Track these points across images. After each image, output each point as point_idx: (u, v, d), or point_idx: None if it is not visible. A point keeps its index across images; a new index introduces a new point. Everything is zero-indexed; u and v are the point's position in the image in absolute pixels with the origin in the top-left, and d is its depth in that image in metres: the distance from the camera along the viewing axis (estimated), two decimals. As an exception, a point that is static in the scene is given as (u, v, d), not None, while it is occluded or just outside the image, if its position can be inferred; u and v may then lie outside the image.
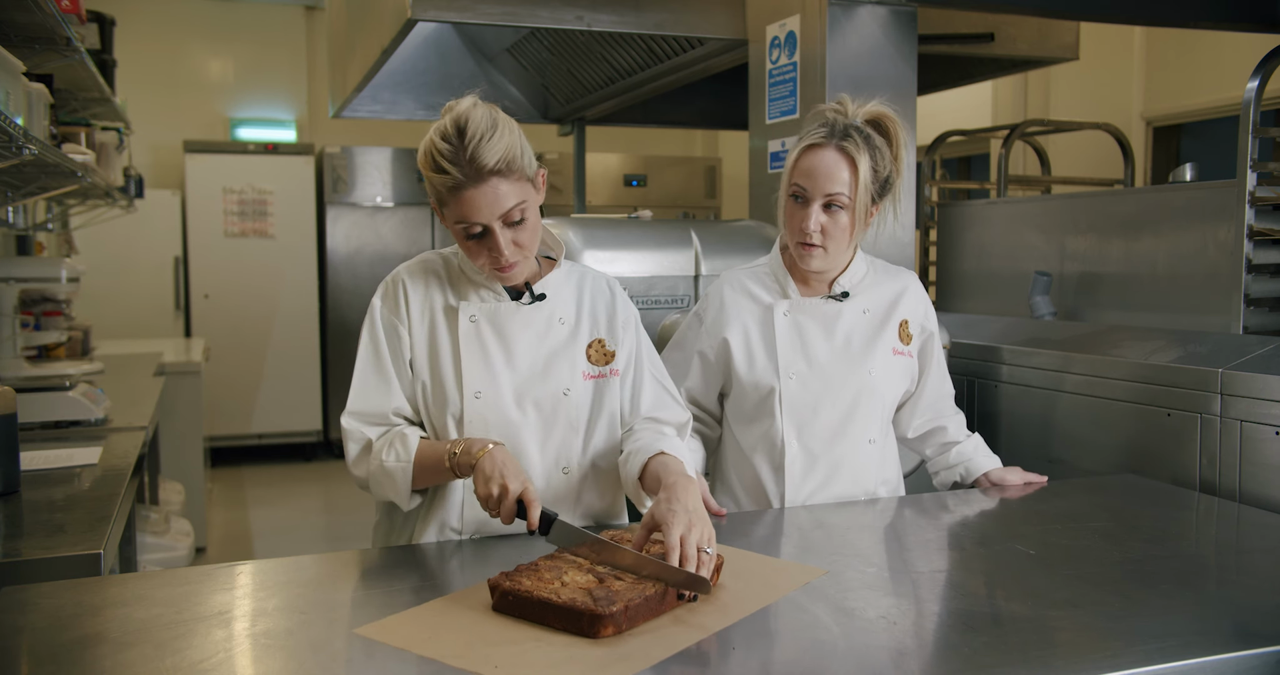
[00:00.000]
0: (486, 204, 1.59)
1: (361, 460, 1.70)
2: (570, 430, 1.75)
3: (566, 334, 1.77)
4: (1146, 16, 3.64)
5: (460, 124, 1.58)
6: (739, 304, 2.04)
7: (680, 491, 1.52)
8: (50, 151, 2.35)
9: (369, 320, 1.75)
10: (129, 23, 5.39)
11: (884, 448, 2.06)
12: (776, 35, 3.01)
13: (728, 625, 1.33)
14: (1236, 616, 1.41)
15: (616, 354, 1.80)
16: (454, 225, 1.63)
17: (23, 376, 2.90)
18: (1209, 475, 2.25)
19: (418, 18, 3.15)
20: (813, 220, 1.90)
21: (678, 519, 1.45)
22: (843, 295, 2.02)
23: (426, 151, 1.61)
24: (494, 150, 1.57)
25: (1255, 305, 2.54)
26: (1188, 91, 4.85)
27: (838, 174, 1.88)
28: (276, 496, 6.19)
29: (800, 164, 1.91)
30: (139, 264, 6.91)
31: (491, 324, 1.72)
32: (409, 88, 4.72)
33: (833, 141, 1.90)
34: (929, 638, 1.31)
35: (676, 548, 1.41)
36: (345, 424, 1.71)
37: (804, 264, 1.97)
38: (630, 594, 1.32)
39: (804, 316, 2.01)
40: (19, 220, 3.70)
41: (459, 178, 1.57)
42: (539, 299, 1.75)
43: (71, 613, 1.39)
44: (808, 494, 1.98)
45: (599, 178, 7.27)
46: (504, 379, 1.71)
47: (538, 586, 1.34)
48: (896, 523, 1.92)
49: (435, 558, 1.66)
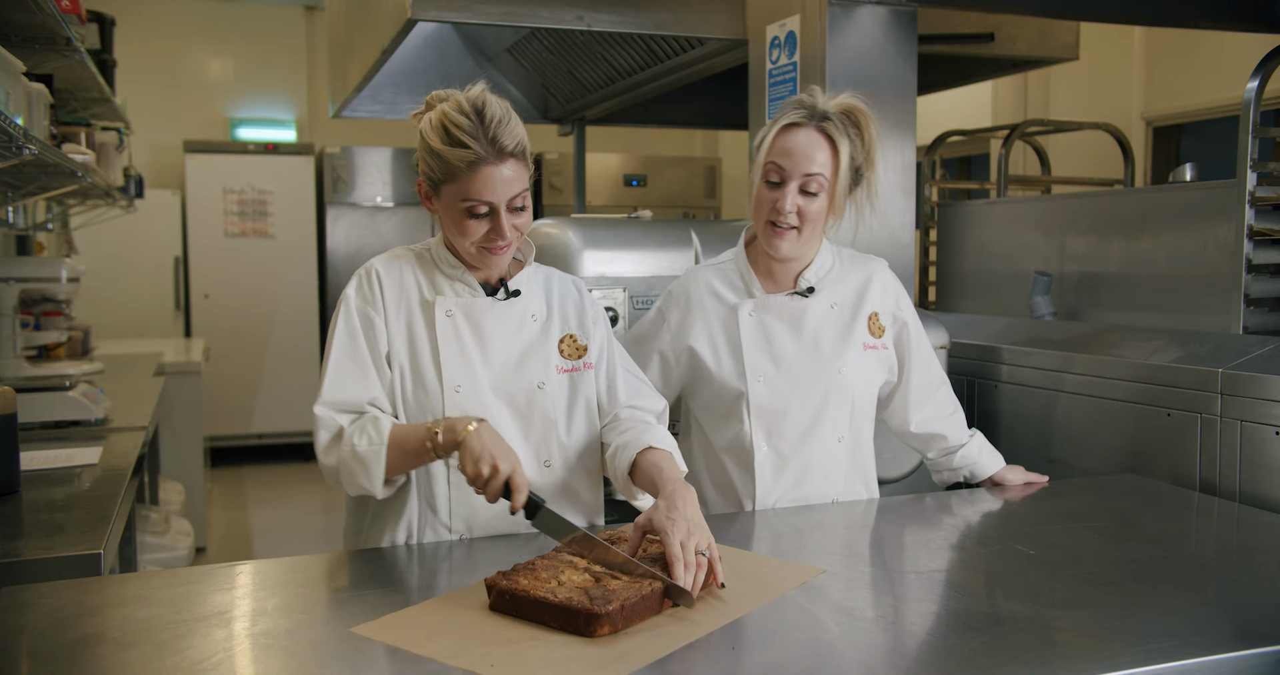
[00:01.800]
0: (501, 183, 1.60)
1: (332, 448, 1.64)
2: (548, 424, 1.75)
3: (538, 330, 1.78)
4: (1146, 16, 3.64)
5: (478, 105, 1.61)
6: (704, 305, 1.99)
7: (679, 500, 1.52)
8: (50, 151, 2.35)
9: (343, 310, 1.72)
10: (129, 23, 5.39)
11: (855, 445, 2.01)
12: (776, 35, 3.01)
13: (725, 623, 1.33)
14: (1236, 616, 1.41)
15: (589, 348, 1.82)
16: (457, 204, 1.62)
17: (23, 376, 2.90)
18: (1209, 475, 2.25)
19: (418, 18, 3.15)
20: (789, 200, 1.84)
21: (677, 527, 1.46)
22: (808, 291, 1.96)
23: (439, 125, 1.60)
24: (514, 134, 1.62)
25: (1255, 305, 2.54)
26: (1188, 91, 4.85)
27: (817, 154, 1.83)
28: (276, 496, 6.19)
29: (778, 144, 1.85)
30: (139, 264, 6.91)
31: (467, 318, 1.72)
32: (409, 88, 4.71)
33: (813, 122, 1.85)
34: (929, 638, 1.31)
35: (680, 556, 1.41)
36: (318, 412, 1.66)
37: (773, 250, 1.90)
38: (627, 593, 1.32)
39: (769, 315, 1.96)
40: (19, 220, 3.70)
41: (480, 153, 1.58)
42: (514, 295, 1.75)
43: (71, 613, 1.39)
44: (779, 495, 1.96)
45: (599, 178, 7.26)
46: (481, 373, 1.71)
47: (534, 586, 1.34)
48: (896, 523, 1.92)
49: (434, 558, 1.66)
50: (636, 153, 7.66)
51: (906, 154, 2.91)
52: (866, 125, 1.89)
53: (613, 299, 2.68)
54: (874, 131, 1.90)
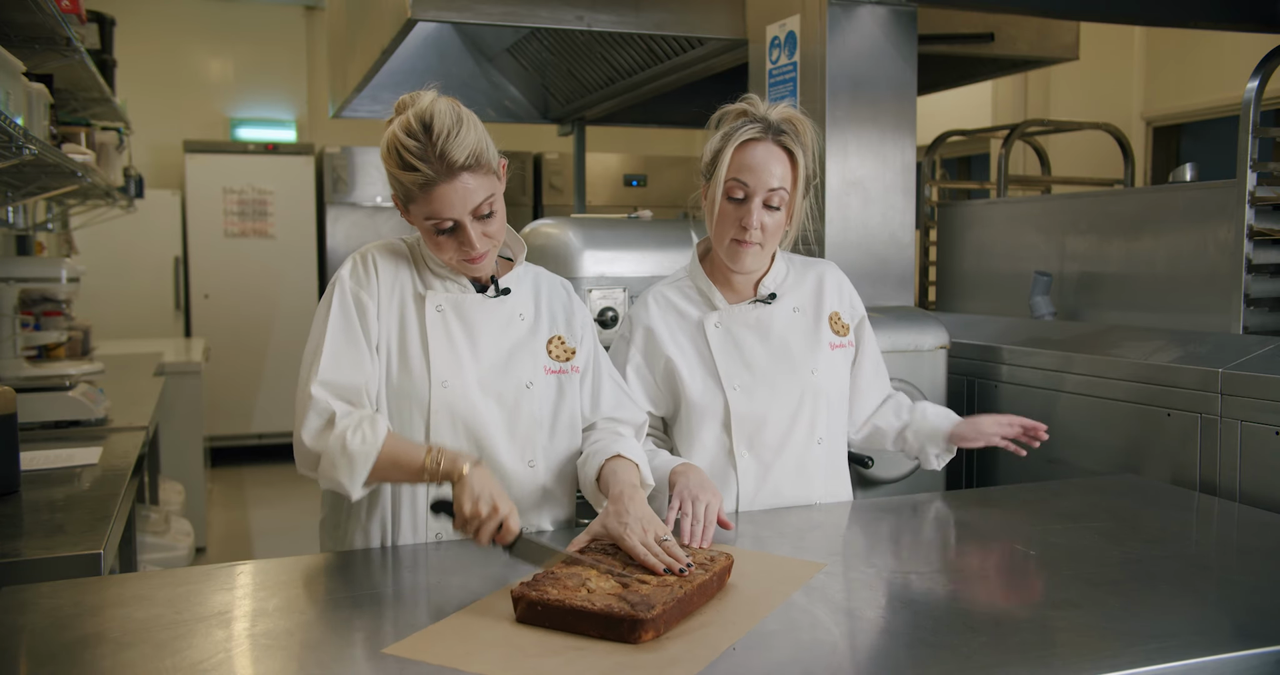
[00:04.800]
0: (458, 200, 1.59)
1: (321, 435, 1.59)
2: (534, 424, 1.75)
3: (526, 329, 1.78)
4: (1146, 16, 3.64)
5: (425, 120, 1.57)
6: (667, 323, 1.97)
7: (626, 501, 1.56)
8: (50, 151, 2.35)
9: (337, 292, 1.68)
10: (129, 23, 5.39)
11: (832, 446, 2.01)
12: (776, 35, 3.01)
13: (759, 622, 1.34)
14: (1236, 616, 1.41)
15: (577, 351, 1.82)
16: (423, 222, 1.63)
17: (23, 376, 2.90)
18: (1209, 475, 2.25)
19: (418, 18, 3.15)
20: (755, 217, 1.83)
21: (630, 529, 1.50)
22: (770, 297, 1.96)
23: (391, 148, 1.59)
24: (463, 146, 1.57)
25: (1255, 305, 2.54)
26: (1188, 91, 4.85)
27: (777, 169, 1.83)
28: (276, 496, 6.19)
29: (738, 160, 1.84)
30: (139, 264, 6.91)
31: (457, 314, 1.72)
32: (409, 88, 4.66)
33: (770, 136, 1.84)
34: (929, 638, 1.31)
35: (644, 552, 1.46)
36: (315, 393, 1.60)
37: (737, 264, 1.90)
38: (663, 596, 1.32)
39: (736, 325, 1.95)
40: (19, 220, 3.70)
41: (429, 174, 1.56)
42: (504, 293, 1.75)
43: (71, 613, 1.39)
44: (763, 501, 1.95)
45: (599, 178, 7.26)
46: (469, 370, 1.70)
47: (567, 595, 1.32)
48: (896, 523, 1.92)
49: (433, 558, 1.66)
50: (636, 153, 7.66)
51: (906, 154, 2.91)
52: (805, 133, 1.88)
53: (613, 299, 2.68)
54: (812, 139, 1.89)
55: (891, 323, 2.69)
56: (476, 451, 1.70)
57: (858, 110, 2.84)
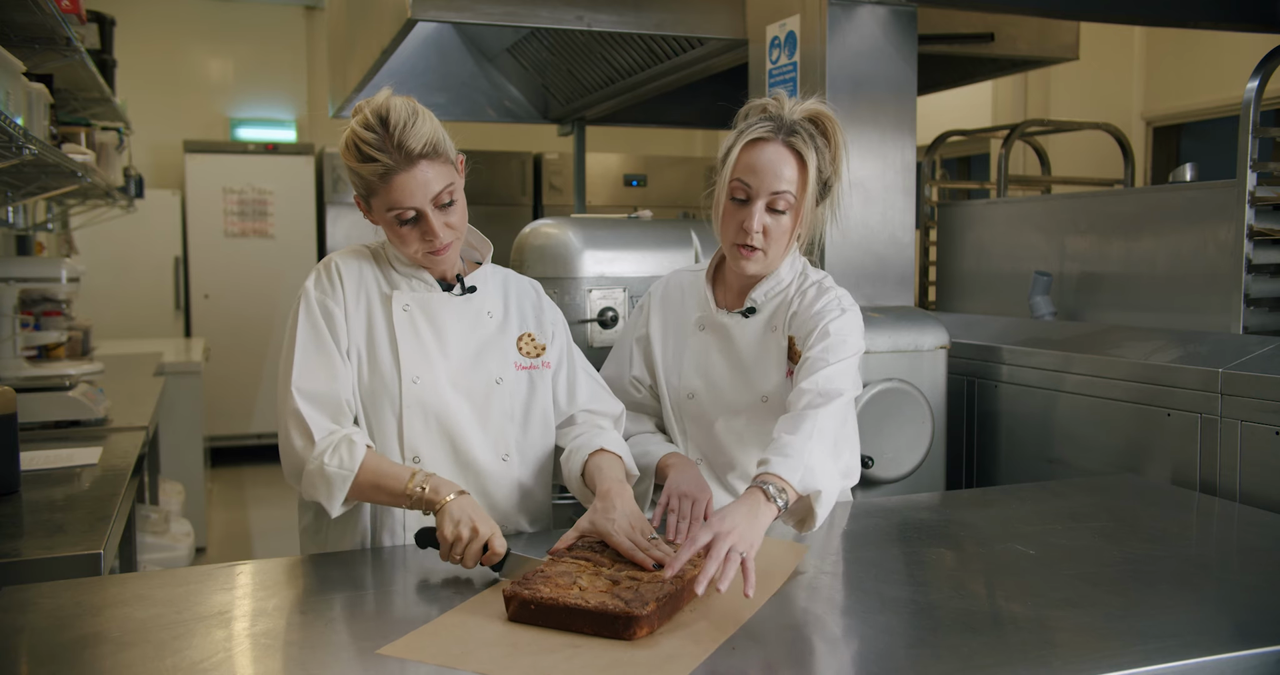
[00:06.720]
0: (418, 188, 1.61)
1: (302, 454, 1.63)
2: (506, 419, 1.77)
3: (495, 327, 1.79)
4: (1146, 16, 3.64)
5: (382, 114, 1.61)
6: (667, 308, 1.99)
7: (614, 497, 1.59)
8: (50, 151, 2.35)
9: (304, 305, 1.71)
10: (129, 23, 5.39)
11: None
12: (776, 35, 3.01)
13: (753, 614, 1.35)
14: (1236, 616, 1.41)
15: (548, 348, 1.83)
16: (385, 215, 1.64)
17: (23, 376, 2.90)
18: (1209, 475, 2.25)
19: (418, 18, 3.15)
20: (755, 220, 1.76)
21: (617, 525, 1.53)
22: (749, 311, 1.88)
23: (349, 143, 1.63)
24: (419, 135, 1.60)
25: (1255, 305, 2.54)
26: (1188, 91, 4.85)
27: (784, 171, 1.75)
28: (276, 496, 6.19)
29: (743, 160, 1.77)
30: (139, 264, 6.91)
31: (424, 313, 1.73)
32: (409, 88, 4.69)
33: (779, 137, 1.76)
34: (929, 637, 1.31)
35: (632, 548, 1.48)
36: (301, 407, 1.63)
37: (740, 268, 1.84)
38: (656, 592, 1.33)
39: (709, 333, 1.93)
40: (19, 220, 3.70)
41: (389, 164, 1.59)
42: (469, 291, 1.77)
43: (71, 613, 1.39)
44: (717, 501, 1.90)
45: (599, 178, 7.26)
46: (439, 366, 1.72)
47: (560, 593, 1.33)
48: (896, 523, 1.92)
49: (433, 557, 1.66)
50: (636, 153, 7.66)
51: (906, 154, 2.91)
52: (834, 132, 1.80)
53: (613, 299, 2.68)
54: (841, 138, 1.82)
55: (891, 323, 2.69)
56: (450, 447, 1.72)
57: (858, 110, 2.84)
